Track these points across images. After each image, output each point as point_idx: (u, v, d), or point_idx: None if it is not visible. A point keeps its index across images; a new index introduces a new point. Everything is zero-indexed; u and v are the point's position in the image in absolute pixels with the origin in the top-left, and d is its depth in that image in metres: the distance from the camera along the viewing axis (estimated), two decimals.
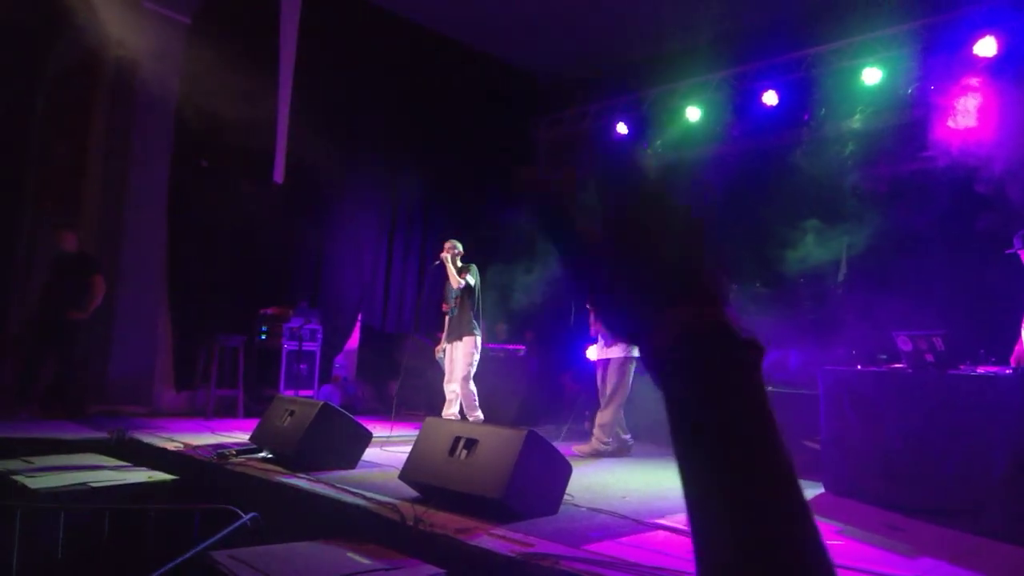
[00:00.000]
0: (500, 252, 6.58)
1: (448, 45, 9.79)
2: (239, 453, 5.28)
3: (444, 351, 7.17)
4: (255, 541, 3.69)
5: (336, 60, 8.97)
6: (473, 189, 9.27)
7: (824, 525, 4.32)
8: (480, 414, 6.85)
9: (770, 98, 8.11)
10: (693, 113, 8.75)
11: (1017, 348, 4.92)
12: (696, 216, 0.61)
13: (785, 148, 7.80)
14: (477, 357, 6.96)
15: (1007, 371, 4.54)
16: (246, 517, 3.89)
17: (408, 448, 4.72)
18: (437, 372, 8.81)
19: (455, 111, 9.94)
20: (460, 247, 7.07)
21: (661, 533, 3.94)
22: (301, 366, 8.18)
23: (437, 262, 7.04)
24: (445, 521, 3.87)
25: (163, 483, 4.64)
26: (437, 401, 7.68)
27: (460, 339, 6.90)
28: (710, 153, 8.61)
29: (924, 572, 3.45)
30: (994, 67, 6.45)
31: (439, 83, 9.74)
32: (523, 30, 9.28)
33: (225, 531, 3.71)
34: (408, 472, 4.46)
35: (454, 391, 6.96)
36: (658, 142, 9.16)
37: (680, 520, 4.25)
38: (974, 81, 6.44)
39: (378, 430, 5.71)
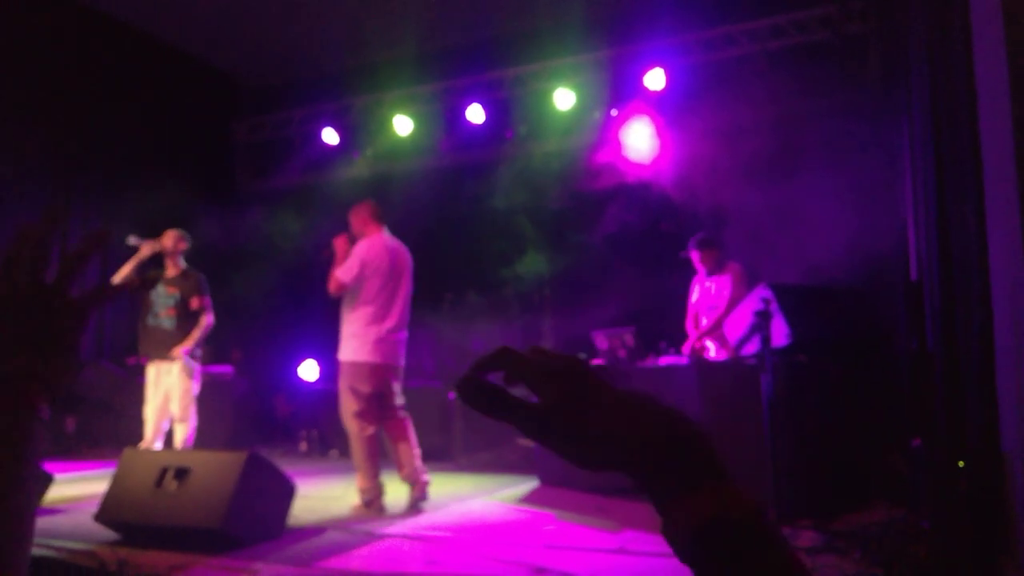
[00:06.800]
0: (198, 262, 5.87)
1: (132, 35, 8.82)
2: None
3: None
4: None
5: None
6: (166, 194, 8.45)
7: (541, 513, 4.64)
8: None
9: (475, 114, 8.46)
10: (403, 125, 8.86)
11: (688, 341, 5.74)
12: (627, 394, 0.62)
13: (491, 164, 8.26)
14: (198, 383, 5.64)
15: (683, 361, 5.27)
16: None
17: (96, 489, 4.15)
18: (127, 403, 7.85)
19: (141, 108, 8.96)
20: (188, 241, 5.71)
21: (395, 541, 3.92)
22: None
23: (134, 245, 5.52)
24: (155, 560, 3.49)
25: None
26: (127, 435, 6.82)
27: (177, 360, 5.48)
28: (421, 166, 8.82)
29: (627, 542, 3.84)
30: (661, 98, 7.51)
31: (122, 77, 8.74)
32: (221, 28, 8.71)
33: None
34: (106, 512, 3.92)
35: (157, 425, 5.50)
36: (369, 151, 9.14)
37: (412, 526, 4.27)
38: (646, 109, 7.45)
39: (56, 473, 4.91)
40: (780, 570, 0.54)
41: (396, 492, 5.17)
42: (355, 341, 4.83)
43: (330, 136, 9.22)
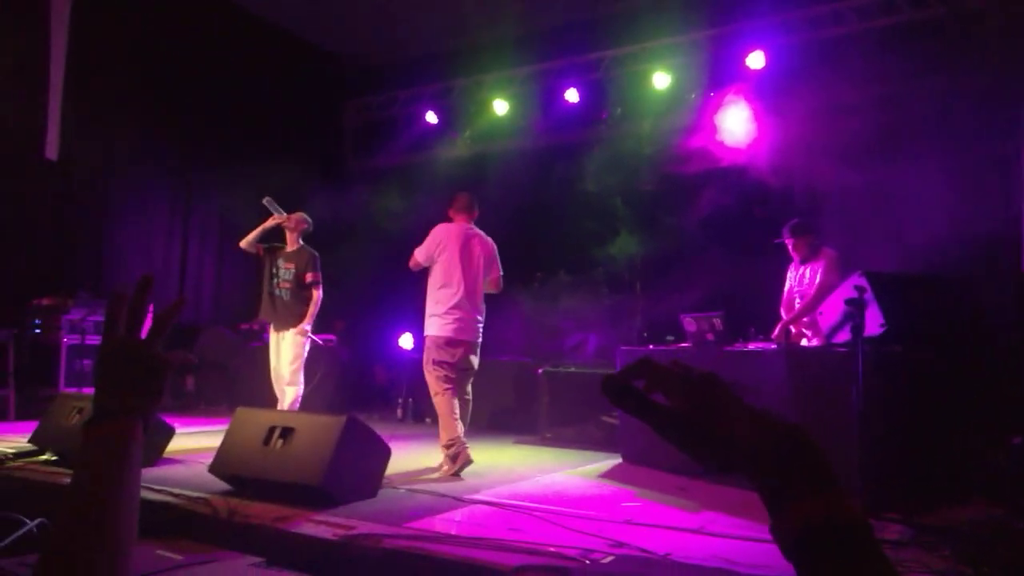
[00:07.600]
0: (308, 237, 6.31)
1: (250, 21, 9.30)
2: (17, 456, 4.75)
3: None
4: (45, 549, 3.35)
5: (126, 32, 8.21)
6: (278, 171, 8.94)
7: (622, 490, 4.72)
8: None
9: (572, 96, 8.51)
10: (501, 106, 9.01)
11: (778, 326, 5.65)
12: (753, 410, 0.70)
13: (585, 145, 8.28)
14: (306, 352, 6.10)
15: (771, 346, 5.20)
16: (32, 524, 3.52)
17: (212, 443, 4.53)
18: (241, 365, 8.42)
19: (257, 91, 9.47)
20: (310, 224, 6.26)
21: (479, 507, 4.10)
22: (84, 362, 7.43)
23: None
24: (262, 511, 3.77)
25: None
26: (241, 395, 7.35)
27: (292, 329, 6.02)
28: (517, 146, 8.94)
29: (705, 522, 3.87)
30: (760, 79, 7.32)
31: (240, 61, 9.25)
32: (332, 12, 9.05)
33: (8, 539, 3.34)
34: (219, 464, 4.27)
35: (283, 389, 6.05)
36: (467, 133, 9.35)
37: (495, 494, 4.45)
38: (744, 91, 7.27)
39: (177, 427, 5.38)
40: None
41: (480, 462, 5.36)
42: (437, 320, 5.22)
43: (432, 117, 9.47)
